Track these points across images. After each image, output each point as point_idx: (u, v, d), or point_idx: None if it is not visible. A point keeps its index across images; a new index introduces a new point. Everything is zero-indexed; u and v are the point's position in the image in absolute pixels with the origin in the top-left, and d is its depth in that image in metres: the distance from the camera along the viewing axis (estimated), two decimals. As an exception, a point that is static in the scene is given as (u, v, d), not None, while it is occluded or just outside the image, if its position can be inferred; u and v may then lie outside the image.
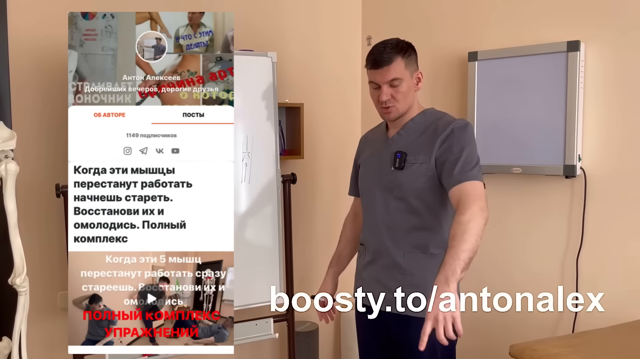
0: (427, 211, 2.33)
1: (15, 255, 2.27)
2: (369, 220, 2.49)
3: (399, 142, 2.40)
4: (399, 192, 2.35)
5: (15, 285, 2.28)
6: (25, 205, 2.34)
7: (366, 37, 3.89)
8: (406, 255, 2.34)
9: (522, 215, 3.14)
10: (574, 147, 2.84)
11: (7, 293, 2.41)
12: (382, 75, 2.30)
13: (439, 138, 2.28)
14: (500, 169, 3.06)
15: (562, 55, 2.85)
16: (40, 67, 2.84)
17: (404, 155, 2.33)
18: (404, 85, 2.31)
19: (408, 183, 2.32)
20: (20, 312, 2.31)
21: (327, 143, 3.82)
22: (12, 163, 2.23)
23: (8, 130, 2.25)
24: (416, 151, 2.32)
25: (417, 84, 2.37)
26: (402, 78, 2.30)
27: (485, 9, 3.26)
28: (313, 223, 3.82)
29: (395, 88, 2.30)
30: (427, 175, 2.30)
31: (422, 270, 2.32)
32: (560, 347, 2.30)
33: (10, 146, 2.23)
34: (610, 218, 2.85)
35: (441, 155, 2.26)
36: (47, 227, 2.90)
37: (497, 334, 3.03)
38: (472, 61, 3.16)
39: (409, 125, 2.40)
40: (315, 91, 3.76)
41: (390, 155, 2.39)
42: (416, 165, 2.31)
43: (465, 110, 3.21)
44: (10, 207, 2.24)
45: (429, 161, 2.29)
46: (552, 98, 2.90)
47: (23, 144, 2.35)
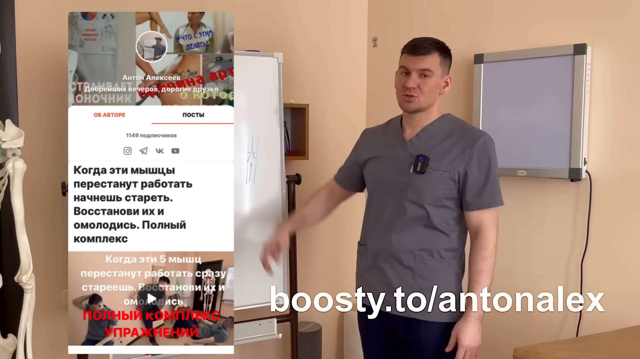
0: (440, 216, 2.33)
1: (21, 253, 2.27)
2: (378, 221, 2.46)
3: (419, 144, 2.37)
4: (415, 196, 2.33)
5: (21, 283, 2.29)
6: (31, 203, 2.35)
7: (372, 39, 3.89)
8: (417, 258, 2.33)
9: (526, 218, 3.12)
10: (579, 150, 2.83)
11: (12, 291, 2.42)
12: (416, 62, 2.30)
13: (467, 152, 2.29)
14: (506, 172, 3.03)
15: (569, 58, 2.84)
16: (47, 66, 2.85)
17: (427, 160, 2.32)
18: (433, 79, 2.30)
19: (426, 188, 2.31)
20: (26, 309, 2.31)
21: (332, 144, 3.80)
22: (20, 161, 2.24)
23: (16, 128, 2.26)
24: (439, 158, 2.31)
25: (444, 87, 2.37)
26: (433, 72, 2.30)
27: (491, 12, 3.24)
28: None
29: (424, 79, 2.30)
30: (447, 184, 2.30)
31: (433, 273, 2.33)
32: (565, 351, 2.29)
33: (18, 144, 2.23)
34: (616, 222, 2.83)
35: (469, 171, 2.29)
36: (52, 225, 2.92)
37: (501, 336, 3.01)
38: (478, 63, 3.15)
39: (428, 129, 2.38)
40: (320, 92, 3.76)
41: (409, 158, 2.36)
42: (438, 172, 2.30)
43: (470, 112, 3.20)
44: (18, 205, 2.25)
45: (452, 171, 2.29)
46: (558, 101, 2.89)
47: (30, 142, 2.35)
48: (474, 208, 2.29)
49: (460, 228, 2.37)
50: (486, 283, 2.26)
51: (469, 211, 2.31)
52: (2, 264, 2.77)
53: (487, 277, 2.26)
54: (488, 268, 2.26)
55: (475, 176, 2.28)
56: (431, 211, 2.31)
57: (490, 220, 2.29)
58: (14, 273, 2.30)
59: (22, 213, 2.26)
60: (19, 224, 2.26)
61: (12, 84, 2.80)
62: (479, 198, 2.29)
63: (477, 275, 2.27)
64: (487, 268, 2.26)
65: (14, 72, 2.80)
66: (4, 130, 2.22)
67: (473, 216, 2.31)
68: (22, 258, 2.27)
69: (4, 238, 2.80)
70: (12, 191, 2.24)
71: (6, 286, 2.36)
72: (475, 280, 2.27)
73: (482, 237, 2.28)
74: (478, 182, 2.28)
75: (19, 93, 2.83)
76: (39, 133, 2.85)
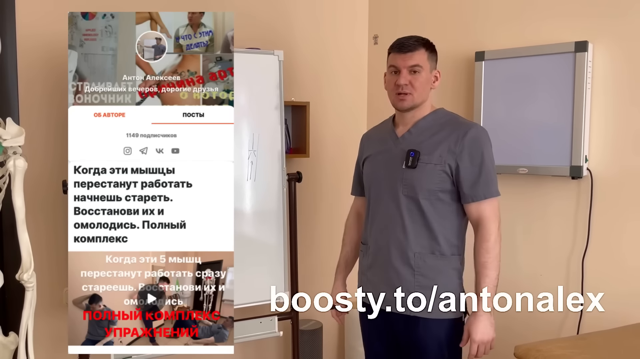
0: (436, 212, 2.33)
1: (22, 251, 2.27)
2: (376, 219, 2.47)
3: (410, 140, 2.39)
4: (409, 191, 2.34)
5: (22, 281, 2.28)
6: (32, 200, 2.35)
7: (373, 37, 3.88)
8: (416, 255, 2.34)
9: (527, 216, 3.12)
10: (580, 148, 2.83)
11: (13, 289, 2.43)
12: (405, 60, 2.34)
13: (458, 145, 2.29)
14: (507, 169, 3.04)
15: (570, 56, 2.84)
16: (47, 63, 2.85)
17: (418, 154, 2.33)
18: (423, 75, 2.34)
19: (419, 183, 2.32)
20: (28, 308, 2.31)
21: (333, 142, 3.81)
22: (21, 160, 2.23)
23: (16, 126, 2.25)
24: (430, 151, 2.33)
25: (434, 82, 2.40)
26: (423, 67, 2.34)
27: (492, 9, 3.24)
28: (318, 221, 3.82)
29: (414, 75, 2.33)
30: (440, 177, 2.31)
31: (433, 271, 2.34)
32: (565, 348, 2.29)
33: (18, 142, 2.22)
34: (617, 220, 2.83)
35: (461, 163, 2.29)
36: (53, 223, 2.92)
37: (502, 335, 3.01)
38: (479, 61, 3.15)
39: (420, 124, 2.39)
40: (321, 90, 3.76)
41: (401, 153, 2.38)
42: (430, 165, 2.31)
43: (471, 109, 3.20)
44: (19, 203, 2.24)
45: (443, 164, 2.30)
46: (559, 99, 2.88)
47: (30, 140, 2.35)
48: (470, 200, 2.30)
49: (459, 223, 2.37)
50: (493, 276, 2.26)
51: (467, 204, 2.32)
52: (3, 262, 2.78)
53: (492, 269, 2.26)
54: (492, 259, 2.27)
55: (468, 168, 2.29)
56: (426, 206, 2.32)
57: (490, 212, 2.30)
58: (15, 271, 2.30)
59: (23, 211, 2.25)
60: (20, 222, 2.26)
61: (13, 82, 2.79)
62: (474, 190, 2.29)
63: (483, 268, 2.28)
64: (492, 260, 2.27)
65: (15, 70, 2.80)
66: (5, 128, 2.21)
67: (472, 208, 2.32)
68: (23, 256, 2.27)
69: (5, 236, 2.80)
70: (13, 189, 2.23)
71: (7, 284, 2.36)
72: (482, 273, 2.28)
73: (483, 229, 2.30)
74: (471, 174, 2.29)
75: (19, 90, 2.82)
76: (40, 131, 2.85)
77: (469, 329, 2.27)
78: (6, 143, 2.19)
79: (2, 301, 2.80)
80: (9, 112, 2.74)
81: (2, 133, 2.19)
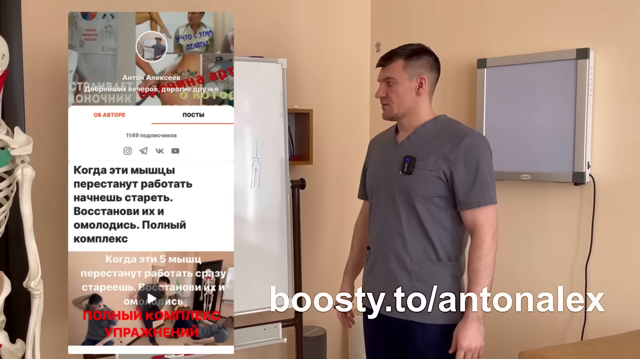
0: (432, 217, 2.33)
1: (30, 259, 2.28)
2: (376, 224, 2.49)
3: (408, 146, 2.40)
4: (405, 197, 2.34)
5: (30, 288, 2.30)
6: (36, 207, 2.36)
7: (375, 44, 3.90)
8: (413, 260, 2.34)
9: (530, 222, 3.12)
10: (583, 154, 2.82)
11: (20, 296, 2.43)
12: (381, 73, 2.44)
13: (453, 151, 2.29)
14: (509, 176, 3.04)
15: (572, 63, 2.84)
16: (51, 71, 2.86)
17: (413, 160, 2.34)
18: (398, 87, 2.37)
19: (415, 188, 2.32)
20: (35, 315, 2.32)
21: (336, 149, 3.82)
22: (29, 168, 2.24)
23: (24, 135, 2.26)
24: (425, 157, 2.33)
25: (419, 88, 2.38)
26: (396, 79, 2.37)
27: (494, 17, 3.25)
28: (322, 228, 3.82)
29: (390, 87, 2.39)
30: (435, 183, 2.30)
31: (429, 276, 2.33)
32: (570, 354, 2.29)
33: (26, 151, 2.23)
34: (620, 226, 2.82)
35: (455, 170, 2.28)
36: (57, 229, 2.91)
37: (505, 339, 3.00)
38: (481, 68, 3.15)
39: (419, 131, 2.40)
40: (324, 97, 3.77)
41: (399, 159, 2.39)
42: (425, 171, 2.31)
43: (474, 116, 3.20)
44: (27, 211, 2.25)
45: (438, 170, 2.30)
46: (562, 106, 2.89)
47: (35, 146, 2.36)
48: (465, 207, 2.29)
49: (456, 229, 2.36)
50: (484, 284, 2.24)
51: (462, 211, 2.31)
52: (10, 270, 2.78)
53: (484, 277, 2.24)
54: (484, 267, 2.24)
55: (463, 175, 2.28)
56: (422, 211, 2.32)
57: (484, 219, 2.27)
58: (22, 279, 2.31)
59: (31, 219, 2.27)
60: (28, 230, 2.27)
61: (19, 90, 2.81)
62: (468, 197, 2.28)
63: (474, 275, 2.26)
64: (484, 268, 2.24)
65: (21, 79, 2.82)
66: (13, 137, 2.23)
67: (466, 215, 2.30)
68: (30, 264, 2.28)
69: (12, 243, 2.81)
70: (21, 197, 2.24)
71: (13, 292, 2.36)
72: (472, 281, 2.26)
73: (477, 237, 2.28)
74: (466, 181, 2.28)
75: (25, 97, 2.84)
76: (44, 138, 2.85)
77: (457, 335, 2.25)
78: (14, 152, 2.20)
79: (8, 309, 2.80)
80: (15, 120, 2.76)
81: (11, 142, 2.20)
